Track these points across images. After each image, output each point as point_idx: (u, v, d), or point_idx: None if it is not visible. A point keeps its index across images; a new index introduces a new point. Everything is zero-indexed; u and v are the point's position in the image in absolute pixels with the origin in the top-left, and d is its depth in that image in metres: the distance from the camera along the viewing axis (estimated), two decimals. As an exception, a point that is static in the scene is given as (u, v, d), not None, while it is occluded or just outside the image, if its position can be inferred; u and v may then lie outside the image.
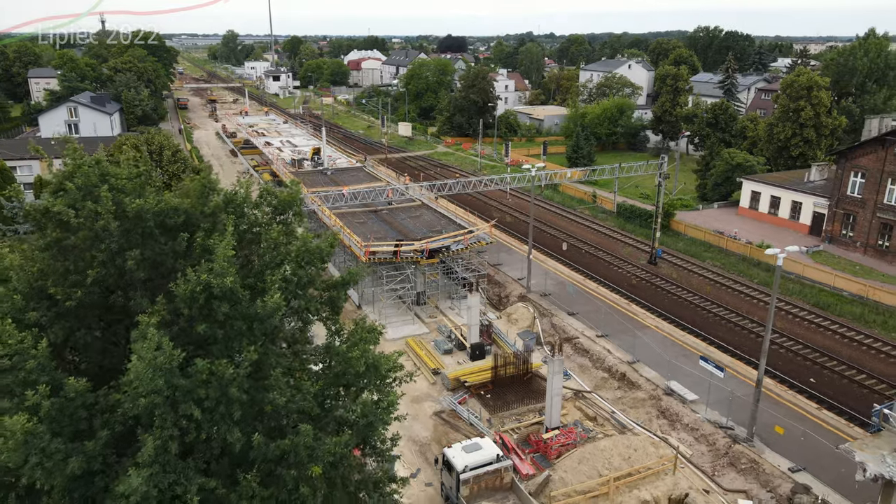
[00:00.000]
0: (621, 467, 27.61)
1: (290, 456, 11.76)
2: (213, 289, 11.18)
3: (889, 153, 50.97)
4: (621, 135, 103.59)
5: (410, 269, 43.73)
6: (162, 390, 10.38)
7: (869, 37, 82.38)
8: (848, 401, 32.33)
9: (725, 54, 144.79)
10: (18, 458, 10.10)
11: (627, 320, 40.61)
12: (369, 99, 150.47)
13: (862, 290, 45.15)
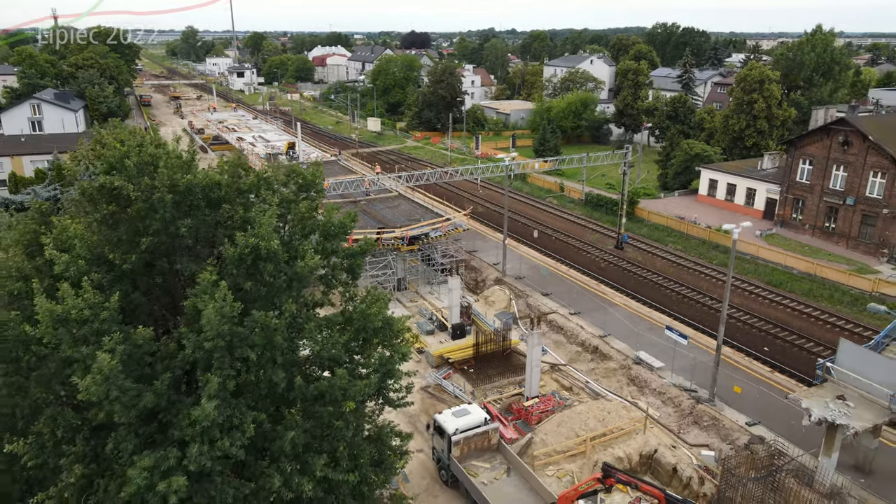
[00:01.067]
0: (596, 429, 30.11)
1: (326, 395, 13.72)
2: (261, 251, 13.02)
3: (834, 142, 54.83)
4: (585, 128, 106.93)
5: (391, 256, 45.62)
6: (225, 335, 12.19)
7: (816, 33, 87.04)
8: (797, 365, 35.50)
9: (683, 50, 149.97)
10: (102, 392, 11.81)
11: (598, 299, 43.33)
12: (337, 95, 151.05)
13: (810, 269, 48.78)
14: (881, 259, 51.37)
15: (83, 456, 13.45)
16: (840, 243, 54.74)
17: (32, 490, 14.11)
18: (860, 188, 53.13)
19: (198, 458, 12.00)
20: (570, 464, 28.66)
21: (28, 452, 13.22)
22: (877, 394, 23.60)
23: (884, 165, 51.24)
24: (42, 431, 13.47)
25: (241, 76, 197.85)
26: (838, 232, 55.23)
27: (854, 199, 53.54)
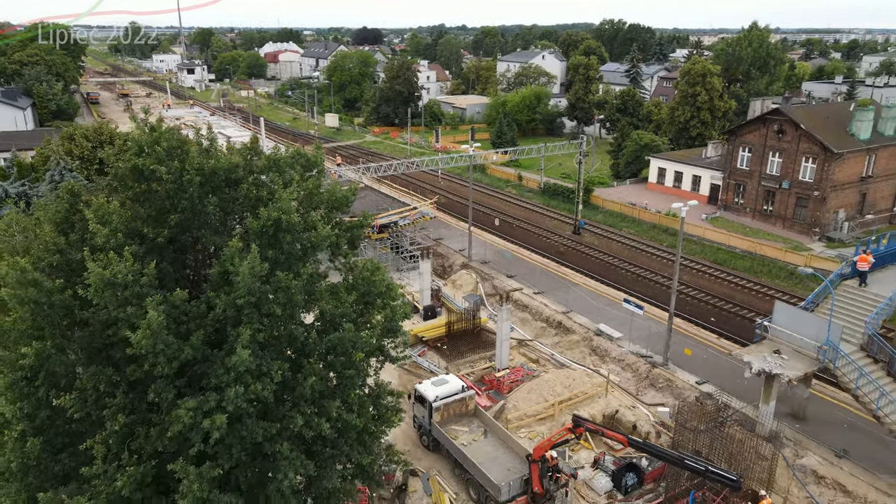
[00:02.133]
0: (563, 394, 32.80)
1: (338, 347, 15.70)
2: (282, 223, 14.92)
3: (769, 130, 59.13)
4: (540, 121, 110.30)
5: (362, 245, 47.45)
6: (255, 292, 14.02)
7: (752, 29, 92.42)
8: (740, 332, 38.91)
9: (630, 45, 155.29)
10: (150, 345, 13.51)
11: (559, 280, 46.19)
12: (293, 91, 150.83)
13: (751, 247, 52.83)
14: (813, 237, 55.90)
15: (123, 407, 15.09)
16: (777, 224, 59.16)
17: (74, 442, 15.65)
18: (794, 173, 57.55)
19: (234, 400, 13.83)
20: (540, 426, 31.21)
21: (73, 406, 14.78)
22: (807, 347, 26.88)
23: (814, 151, 55.69)
24: (85, 387, 15.04)
25: (191, 73, 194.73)
26: (775, 214, 59.64)
27: (789, 183, 57.96)
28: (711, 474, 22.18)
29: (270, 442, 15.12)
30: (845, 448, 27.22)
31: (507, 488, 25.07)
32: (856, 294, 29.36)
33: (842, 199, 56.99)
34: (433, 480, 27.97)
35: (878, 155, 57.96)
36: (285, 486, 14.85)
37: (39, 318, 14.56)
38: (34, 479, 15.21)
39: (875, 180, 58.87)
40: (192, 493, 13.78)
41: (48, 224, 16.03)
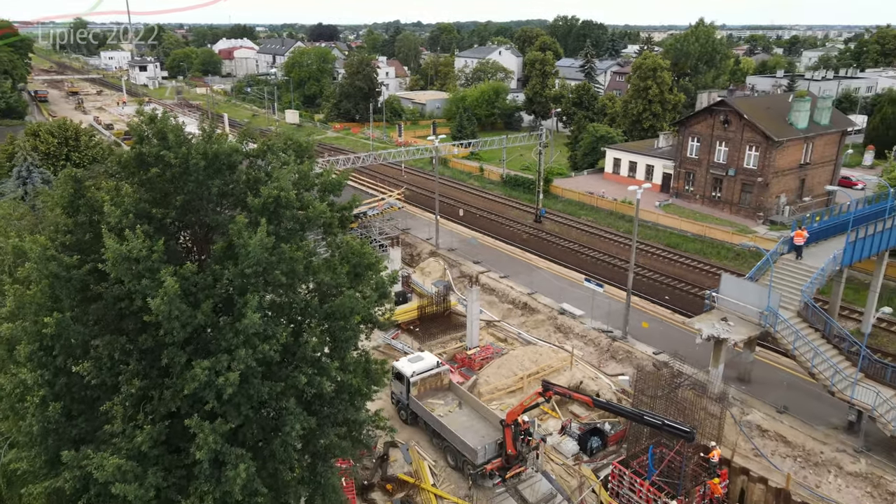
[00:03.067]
0: (531, 368, 34.95)
1: (337, 312, 17.28)
2: (281, 199, 16.40)
3: (716, 121, 62.59)
4: (498, 115, 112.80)
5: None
6: (262, 262, 15.49)
7: (699, 26, 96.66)
8: (692, 308, 41.66)
9: (583, 41, 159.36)
10: (166, 312, 14.85)
11: (523, 265, 48.41)
12: (252, 87, 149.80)
13: (701, 231, 56.10)
14: (758, 221, 59.60)
15: (137, 373, 16.38)
16: (725, 209, 62.74)
17: (89, 407, 16.84)
18: (739, 161, 61.14)
19: (245, 360, 15.31)
20: (510, 398, 33.24)
21: (90, 373, 16.00)
22: (750, 314, 29.59)
23: (757, 140, 59.32)
24: (100, 355, 16.26)
25: (143, 70, 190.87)
26: (723, 199, 63.23)
27: (734, 171, 61.55)
28: (667, 427, 24.50)
29: (276, 400, 16.64)
30: (786, 405, 30.08)
31: (483, 452, 26.99)
32: (792, 266, 32.27)
33: (783, 185, 60.85)
34: (413, 450, 29.75)
35: (815, 143, 62.05)
36: (292, 437, 16.38)
37: (58, 291, 15.74)
38: (53, 443, 16.35)
39: (812, 167, 62.97)
40: (208, 445, 15.19)
41: (57, 208, 17.12)
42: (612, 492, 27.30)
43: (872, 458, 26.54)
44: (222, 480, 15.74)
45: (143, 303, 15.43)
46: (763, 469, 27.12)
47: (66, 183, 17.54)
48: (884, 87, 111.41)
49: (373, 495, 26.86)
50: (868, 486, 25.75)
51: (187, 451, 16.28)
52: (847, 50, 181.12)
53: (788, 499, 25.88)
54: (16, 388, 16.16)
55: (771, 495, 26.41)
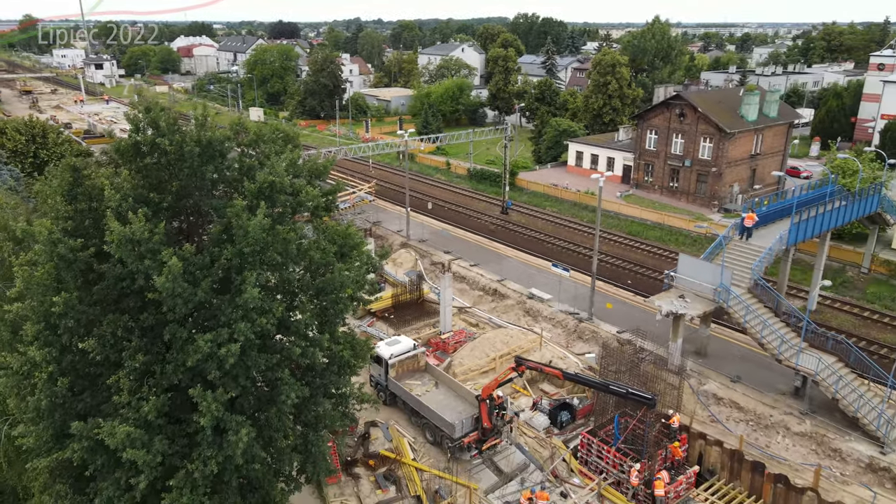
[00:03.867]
0: (502, 349, 36.65)
1: (328, 287, 18.57)
2: (276, 184, 17.61)
3: (672, 114, 65.37)
4: (463, 111, 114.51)
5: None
6: (260, 241, 16.67)
7: (655, 23, 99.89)
8: (653, 290, 43.96)
9: (544, 38, 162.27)
10: (170, 289, 15.94)
11: (492, 254, 50.14)
12: (216, 85, 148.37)
13: (660, 219, 58.73)
14: (713, 209, 62.56)
15: (139, 349, 17.42)
16: (682, 198, 65.61)
17: (94, 383, 17.79)
18: (694, 152, 64.01)
19: (244, 332, 16.50)
20: (483, 378, 34.81)
21: (95, 349, 16.98)
22: (705, 291, 31.81)
23: (711, 132, 62.24)
24: (104, 333, 17.24)
25: (100, 68, 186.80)
26: (680, 189, 66.09)
27: (690, 162, 64.41)
28: (631, 395, 26.50)
29: (271, 371, 17.86)
30: (738, 375, 32.42)
31: (461, 426, 28.55)
32: (743, 247, 34.64)
33: (736, 175, 63.96)
34: (392, 429, 31.14)
35: (764, 134, 65.36)
36: (287, 405, 17.63)
37: (63, 273, 16.67)
38: (59, 416, 17.27)
39: (762, 157, 66.31)
40: (211, 413, 16.33)
41: (57, 195, 18.00)
42: (581, 460, 29.16)
43: (816, 419, 28.98)
44: (224, 446, 16.90)
45: (145, 282, 16.50)
46: (719, 433, 29.30)
47: (64, 171, 18.43)
48: (829, 82, 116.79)
49: (356, 470, 28.14)
50: (813, 445, 28.14)
51: (188, 422, 17.42)
52: (795, 47, 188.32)
53: (742, 458, 28.09)
54: (23, 366, 17.01)
55: (726, 456, 28.60)
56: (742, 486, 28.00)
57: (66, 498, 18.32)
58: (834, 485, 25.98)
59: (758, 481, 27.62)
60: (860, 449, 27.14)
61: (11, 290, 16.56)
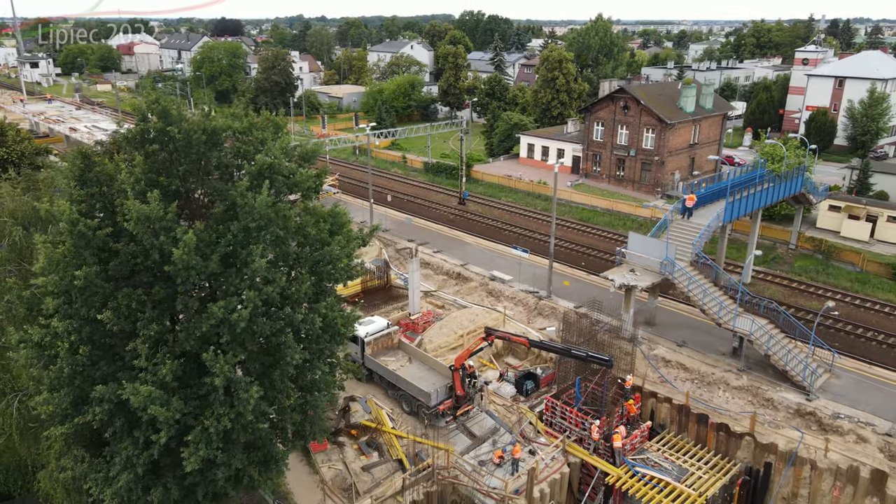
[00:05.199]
0: (469, 327, 39.08)
1: (324, 259, 20.55)
2: (275, 167, 19.46)
3: (617, 107, 69.19)
4: (415, 107, 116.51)
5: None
6: (265, 216, 18.51)
7: (598, 21, 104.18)
8: (603, 270, 47.30)
9: (490, 35, 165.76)
10: (185, 261, 17.60)
11: (454, 241, 52.56)
12: (161, 84, 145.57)
13: (609, 206, 62.36)
14: (657, 195, 66.68)
15: (152, 319, 19.04)
16: (628, 186, 69.57)
17: (110, 353, 19.30)
18: (638, 142, 67.99)
19: (253, 299, 18.36)
20: (452, 354, 37.11)
21: (112, 320, 18.53)
22: (653, 265, 35.01)
23: (653, 123, 66.28)
24: (120, 305, 18.79)
25: (35, 66, 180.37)
26: (626, 178, 70.04)
27: (635, 151, 68.39)
28: (591, 358, 29.34)
29: (275, 336, 19.75)
30: (684, 340, 35.83)
31: (436, 395, 30.85)
32: (685, 225, 38.08)
33: (676, 163, 68.27)
34: (371, 402, 33.19)
35: (702, 125, 69.95)
36: (291, 366, 19.56)
37: (82, 250, 18.16)
38: (79, 383, 18.74)
39: (700, 146, 70.90)
40: (223, 374, 18.13)
41: (71, 180, 19.43)
42: (546, 422, 31.88)
43: (751, 374, 32.56)
44: (235, 404, 18.72)
45: (160, 257, 18.17)
46: (667, 391, 32.55)
47: (75, 158, 19.84)
48: (759, 77, 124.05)
49: (340, 439, 30.09)
50: (749, 396, 31.65)
51: (200, 385, 19.16)
52: (728, 43, 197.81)
53: (688, 412, 31.38)
54: (45, 338, 18.39)
55: (675, 411, 31.85)
56: (689, 437, 31.29)
57: (84, 461, 19.76)
58: (767, 429, 29.49)
59: (703, 431, 30.96)
60: (789, 397, 30.77)
61: (36, 265, 17.88)
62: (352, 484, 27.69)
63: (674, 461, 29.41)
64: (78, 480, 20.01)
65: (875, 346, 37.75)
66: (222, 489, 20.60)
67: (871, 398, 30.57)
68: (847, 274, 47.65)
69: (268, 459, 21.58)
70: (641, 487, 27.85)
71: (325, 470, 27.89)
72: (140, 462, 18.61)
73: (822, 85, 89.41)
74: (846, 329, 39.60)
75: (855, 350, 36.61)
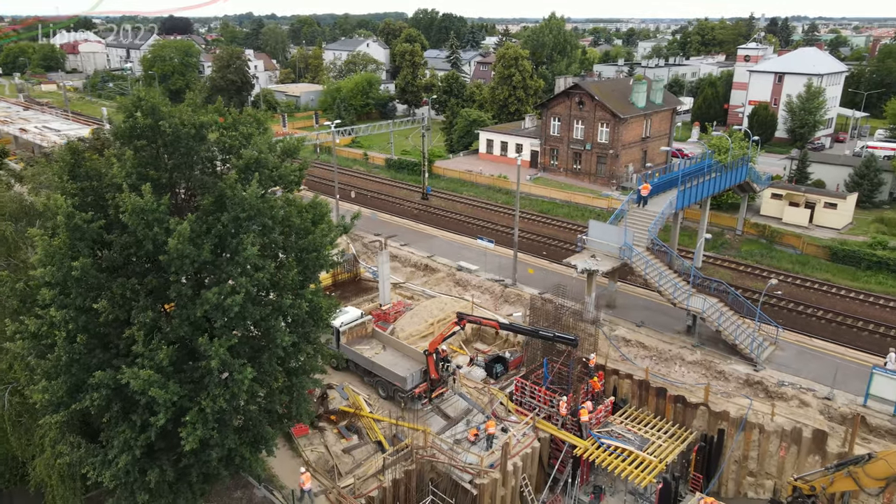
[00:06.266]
0: (439, 315, 40.51)
1: (309, 247, 21.64)
2: (261, 161, 20.47)
3: (573, 102, 71.61)
4: (373, 105, 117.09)
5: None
6: (255, 207, 19.49)
7: (551, 19, 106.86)
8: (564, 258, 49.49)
9: (445, 33, 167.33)
10: (179, 250, 18.47)
11: (419, 234, 53.92)
12: (112, 83, 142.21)
13: (567, 198, 64.68)
14: (612, 187, 69.37)
15: (146, 307, 19.84)
16: (585, 179, 72.11)
17: (105, 341, 19.99)
18: (594, 136, 70.57)
19: (245, 285, 19.37)
20: (424, 342, 38.52)
21: (107, 309, 19.27)
22: (612, 250, 37.10)
23: (607, 118, 68.92)
24: (114, 295, 19.54)
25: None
26: (583, 171, 72.58)
27: (590, 145, 70.95)
28: (557, 338, 31.15)
29: (265, 320, 20.79)
30: (642, 320, 38.08)
31: (411, 378, 32.18)
32: (640, 213, 40.34)
33: (630, 156, 71.13)
34: (348, 388, 34.29)
35: (653, 119, 73.01)
36: (281, 348, 20.63)
37: (77, 242, 18.86)
38: (76, 371, 19.40)
39: (652, 139, 73.99)
40: (218, 357, 19.09)
41: (63, 174, 20.05)
42: (516, 401, 33.55)
43: (705, 350, 34.98)
44: (229, 385, 19.72)
45: (152, 248, 19.01)
46: (628, 368, 34.67)
47: (65, 153, 20.46)
48: (705, 73, 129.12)
49: (321, 424, 31.14)
50: (702, 370, 34.02)
51: (194, 369, 20.09)
52: (675, 41, 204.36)
53: (648, 387, 33.55)
54: (41, 328, 19.01)
55: (635, 386, 33.99)
56: (649, 409, 33.47)
57: (81, 447, 20.41)
58: (720, 399, 31.87)
59: (661, 404, 33.17)
60: (739, 369, 33.25)
61: (34, 257, 18.50)
62: (334, 465, 28.80)
63: (636, 432, 31.46)
64: (74, 466, 20.66)
65: (815, 321, 40.84)
66: (215, 469, 21.58)
67: (812, 367, 33.30)
68: (789, 256, 51.00)
69: (258, 440, 22.59)
70: (607, 457, 29.79)
71: (308, 453, 28.94)
72: (138, 444, 19.43)
73: (763, 80, 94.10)
74: (788, 306, 42.63)
75: (797, 325, 39.56)
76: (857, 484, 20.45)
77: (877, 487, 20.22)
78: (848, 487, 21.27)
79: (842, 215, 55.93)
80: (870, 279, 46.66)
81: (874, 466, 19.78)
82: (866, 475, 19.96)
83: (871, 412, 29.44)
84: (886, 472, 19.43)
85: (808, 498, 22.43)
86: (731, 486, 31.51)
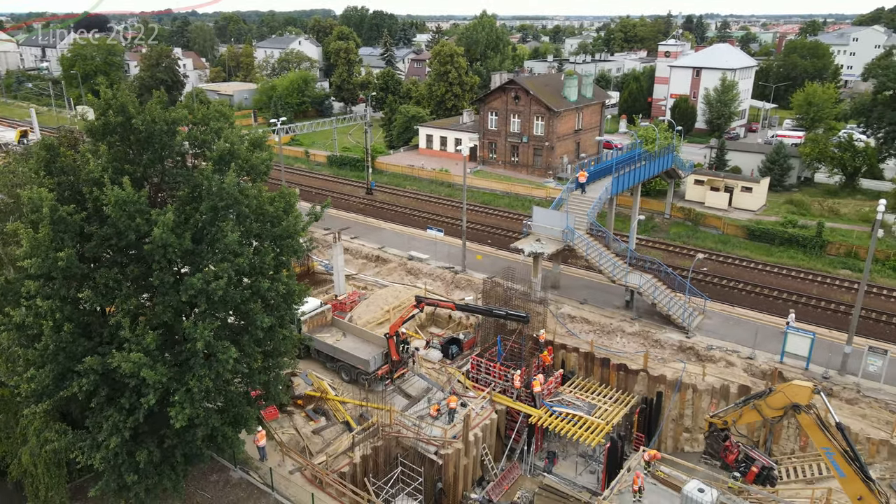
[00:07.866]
0: (394, 302, 42.16)
1: (284, 233, 22.92)
2: (234, 151, 21.60)
3: (509, 97, 74.44)
4: (309, 103, 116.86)
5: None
6: (233, 196, 20.63)
7: (483, 17, 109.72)
8: (508, 245, 52.05)
9: (377, 31, 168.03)
10: (163, 238, 19.48)
11: (368, 227, 55.27)
12: (30, 84, 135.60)
13: (507, 188, 67.43)
14: (548, 178, 72.66)
15: (129, 295, 20.72)
16: (523, 171, 75.14)
17: (90, 330, 20.71)
18: (530, 129, 73.64)
19: (227, 270, 20.53)
20: (381, 329, 40.10)
21: (91, 298, 20.06)
22: (555, 234, 39.75)
23: (542, 112, 72.08)
24: (98, 285, 20.32)
25: None
26: (521, 163, 75.58)
27: (527, 138, 73.99)
28: (510, 315, 33.43)
29: (245, 304, 22.00)
30: (585, 298, 40.97)
31: (373, 361, 33.74)
32: (580, 198, 43.21)
33: (564, 147, 74.62)
34: (311, 374, 35.52)
35: (584, 112, 76.79)
36: (260, 331, 21.89)
37: (61, 233, 19.56)
38: (63, 359, 20.08)
39: (584, 132, 77.81)
40: (203, 338, 20.22)
41: (40, 170, 20.63)
42: (472, 378, 35.66)
43: (642, 321, 38.13)
44: (214, 365, 20.88)
45: (135, 238, 19.95)
46: (575, 342, 37.39)
47: (40, 150, 21.03)
48: (629, 68, 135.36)
49: (289, 409, 32.30)
50: (641, 339, 37.12)
51: (179, 353, 21.12)
52: (599, 38, 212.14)
53: (593, 358, 36.36)
54: (26, 318, 19.60)
55: (582, 358, 36.75)
56: (595, 378, 36.30)
57: (68, 434, 21.06)
58: (657, 364, 34.99)
59: (606, 373, 36.04)
60: (673, 337, 36.53)
61: (20, 250, 19.09)
62: (305, 446, 30.09)
63: (584, 399, 34.16)
64: (61, 452, 21.28)
65: (736, 293, 44.92)
66: (198, 449, 22.66)
67: (735, 332, 36.96)
68: (712, 237, 55.40)
69: (238, 420, 23.75)
70: (559, 423, 32.32)
71: (280, 435, 30.10)
72: (126, 426, 20.36)
73: (683, 75, 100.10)
74: (714, 281, 46.62)
75: (721, 296, 43.46)
76: (760, 414, 23.59)
77: (776, 416, 23.50)
78: (754, 419, 24.41)
79: (757, 198, 61.05)
80: (782, 254, 51.47)
81: (774, 398, 22.97)
82: (768, 406, 23.15)
83: (787, 367, 33.19)
84: (783, 402, 22.67)
85: (722, 431, 25.54)
86: (669, 443, 34.69)
